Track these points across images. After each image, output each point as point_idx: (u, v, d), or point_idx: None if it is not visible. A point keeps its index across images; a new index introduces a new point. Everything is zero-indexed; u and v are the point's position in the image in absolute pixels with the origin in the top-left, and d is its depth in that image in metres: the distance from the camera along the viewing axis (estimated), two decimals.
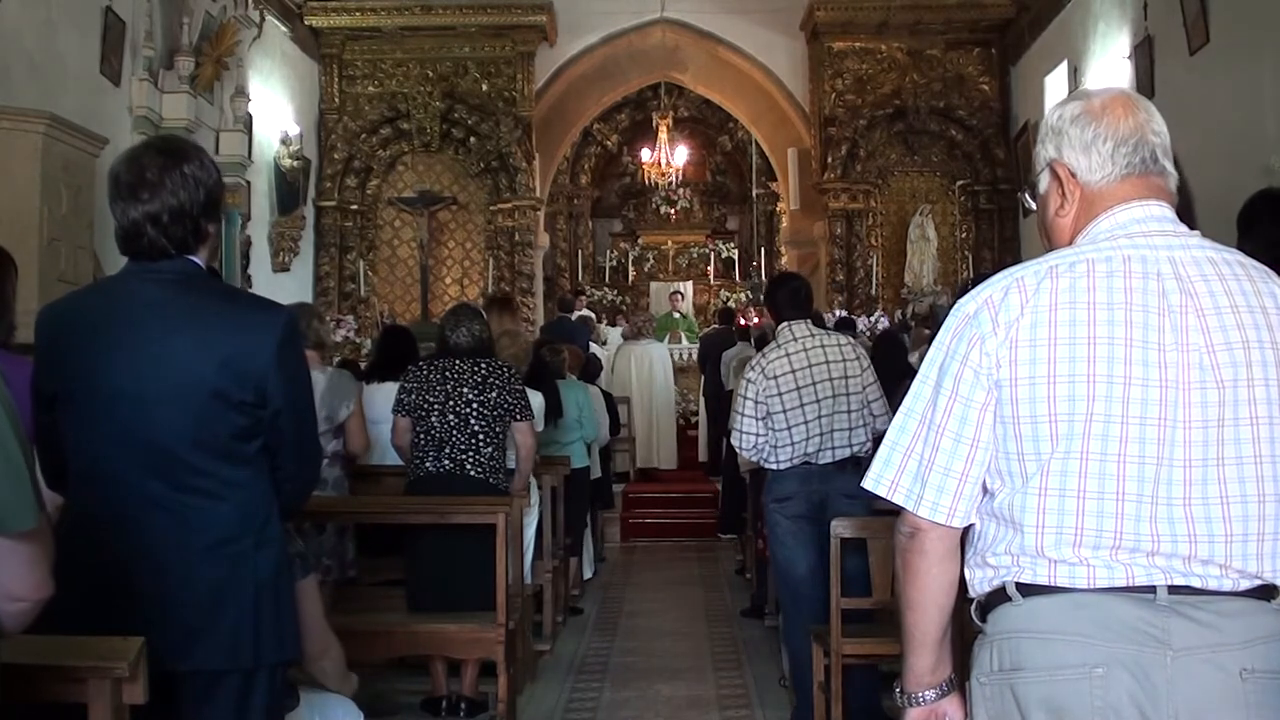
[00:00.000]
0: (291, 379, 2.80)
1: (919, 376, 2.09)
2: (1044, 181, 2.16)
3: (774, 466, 5.46)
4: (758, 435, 5.42)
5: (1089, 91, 2.17)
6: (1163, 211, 2.05)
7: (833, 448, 5.39)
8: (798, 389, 5.38)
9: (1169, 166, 2.09)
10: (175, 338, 2.70)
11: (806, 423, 5.38)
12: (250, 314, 2.81)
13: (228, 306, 2.82)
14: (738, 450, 5.59)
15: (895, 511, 2.12)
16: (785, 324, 5.58)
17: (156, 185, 2.71)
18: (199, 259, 2.80)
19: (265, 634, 2.74)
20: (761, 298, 17.37)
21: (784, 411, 5.38)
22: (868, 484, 2.12)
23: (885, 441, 2.11)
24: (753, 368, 5.50)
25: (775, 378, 5.40)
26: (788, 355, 5.44)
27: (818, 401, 5.39)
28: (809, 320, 5.68)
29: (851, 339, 5.90)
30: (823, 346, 5.49)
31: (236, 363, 2.70)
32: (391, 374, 6.37)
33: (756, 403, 5.40)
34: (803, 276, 6.51)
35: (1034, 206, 2.23)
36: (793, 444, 5.39)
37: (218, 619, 2.69)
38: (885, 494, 2.08)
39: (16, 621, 1.92)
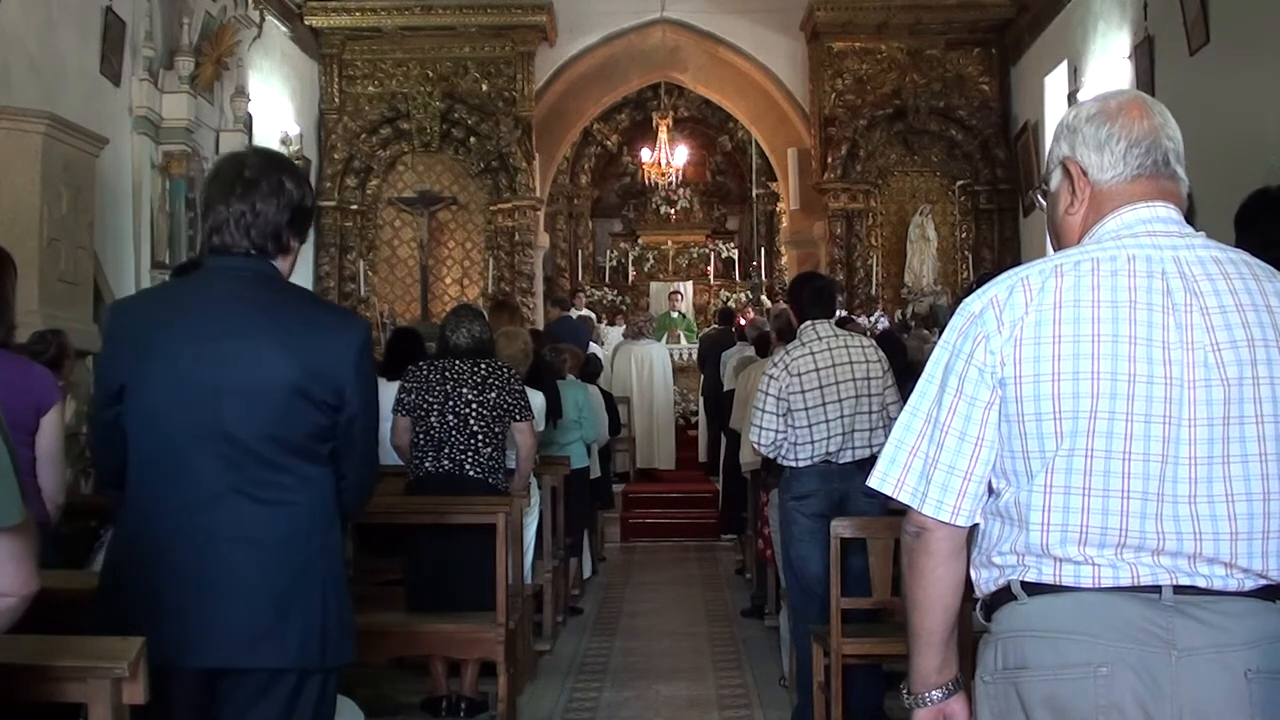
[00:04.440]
0: (367, 387, 2.84)
1: (925, 375, 2.10)
2: (1055, 179, 2.17)
3: (793, 464, 5.45)
4: (777, 432, 5.41)
5: (1107, 94, 2.17)
6: (1169, 213, 2.05)
7: (853, 447, 5.39)
8: (820, 388, 5.37)
9: (1181, 171, 2.09)
10: (258, 335, 2.71)
11: (828, 421, 5.37)
12: (332, 319, 2.85)
13: (309, 310, 2.86)
14: (755, 446, 5.57)
15: (905, 509, 2.11)
16: (809, 323, 5.56)
17: (251, 185, 2.75)
18: (279, 266, 2.83)
19: (330, 635, 2.73)
20: (763, 296, 17.42)
21: (806, 409, 5.37)
22: (873, 482, 2.12)
23: (891, 440, 2.11)
24: (775, 364, 5.48)
25: (799, 375, 5.38)
26: (812, 354, 5.43)
27: (840, 401, 5.38)
28: (832, 319, 5.69)
29: (874, 341, 5.89)
30: (846, 347, 5.48)
31: (319, 365, 2.72)
32: (399, 375, 6.37)
33: (779, 399, 5.39)
34: (827, 276, 6.50)
35: (1045, 205, 2.23)
36: (813, 442, 5.38)
37: (290, 618, 2.68)
38: (891, 492, 2.08)
39: (3, 619, 1.91)
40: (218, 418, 2.67)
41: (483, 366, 5.75)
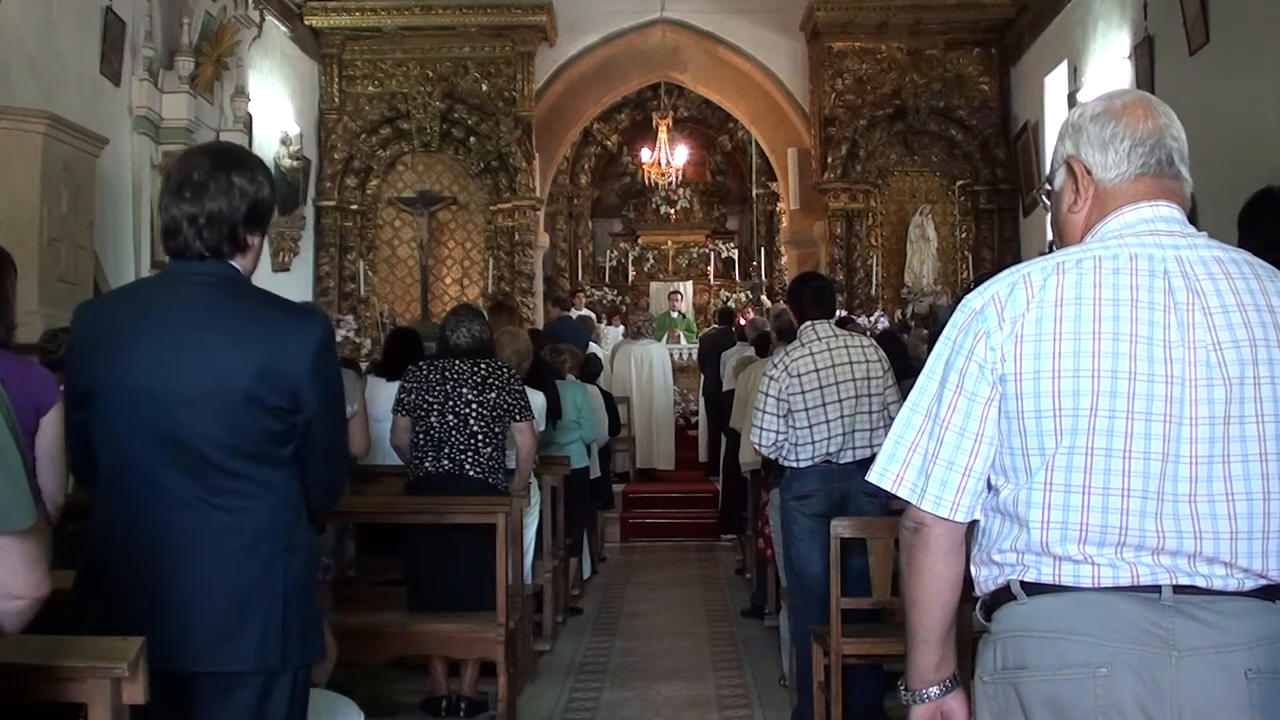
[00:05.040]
0: (326, 386, 2.81)
1: (925, 371, 2.10)
2: (1059, 178, 2.17)
3: (794, 464, 5.45)
4: (778, 433, 5.41)
5: (1112, 93, 2.17)
6: (1172, 213, 2.06)
7: (854, 447, 5.38)
8: (820, 388, 5.37)
9: (1184, 171, 2.09)
10: (211, 341, 2.70)
11: (829, 421, 5.37)
12: (287, 320, 2.81)
13: (264, 311, 2.82)
14: (756, 446, 5.57)
15: (905, 507, 2.12)
16: (809, 323, 5.56)
17: (200, 188, 2.72)
18: (239, 266, 2.80)
19: (292, 638, 2.73)
20: (763, 296, 17.42)
21: (806, 410, 5.37)
22: (872, 477, 2.12)
23: (890, 436, 2.11)
24: (775, 365, 5.48)
25: (799, 376, 5.38)
26: (812, 354, 5.42)
27: (840, 401, 5.38)
28: (832, 320, 5.68)
29: (874, 340, 5.89)
30: (846, 347, 5.48)
31: (273, 369, 2.70)
32: (397, 375, 6.37)
33: (779, 400, 5.39)
34: (826, 276, 6.50)
35: (1049, 204, 2.23)
36: (814, 442, 5.37)
37: (248, 621, 2.69)
38: (889, 487, 2.09)
39: (15, 620, 1.91)
40: (174, 426, 2.67)
41: (483, 366, 5.74)
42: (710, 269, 21.06)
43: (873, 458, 2.14)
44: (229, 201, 2.73)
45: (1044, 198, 2.24)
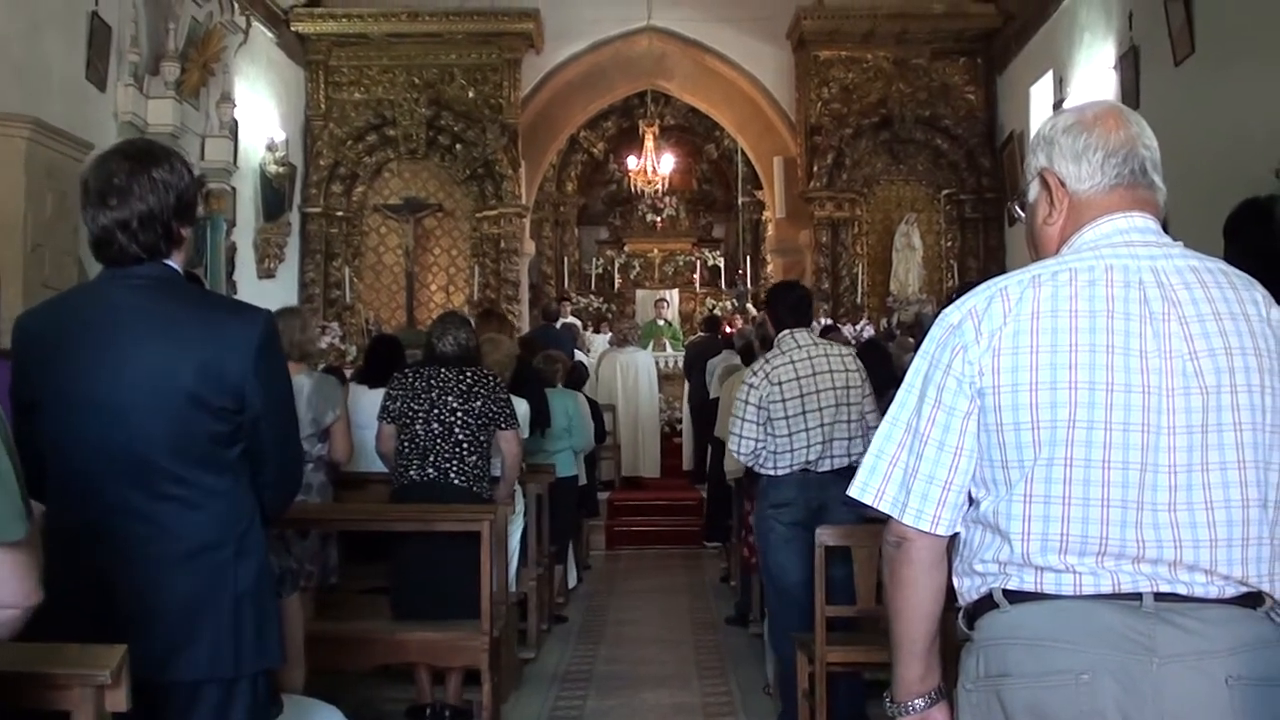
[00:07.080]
0: (271, 383, 2.76)
1: (904, 385, 2.11)
2: (1033, 190, 2.18)
3: (771, 472, 5.45)
4: (757, 440, 5.41)
5: (1083, 105, 2.18)
6: (1146, 223, 2.07)
7: (832, 456, 5.39)
8: (801, 396, 5.38)
9: (1158, 180, 2.10)
10: (150, 344, 2.66)
11: (808, 430, 5.38)
12: (227, 318, 2.76)
13: (204, 311, 2.78)
14: (734, 454, 5.57)
15: (883, 518, 2.12)
16: (787, 331, 5.57)
17: (125, 191, 2.67)
18: (174, 263, 2.76)
19: (245, 643, 2.70)
20: (749, 304, 17.42)
21: (786, 418, 5.37)
22: (854, 492, 2.13)
23: (871, 450, 2.12)
24: (755, 373, 5.49)
25: (779, 384, 5.39)
26: (792, 363, 5.43)
27: (820, 410, 5.39)
28: (810, 328, 5.69)
29: (852, 349, 5.90)
30: (826, 355, 5.49)
31: (214, 368, 2.66)
32: (379, 382, 6.36)
33: (759, 408, 5.39)
34: (804, 285, 6.54)
35: (1023, 216, 2.24)
36: (793, 450, 5.38)
37: (198, 629, 2.66)
38: (871, 502, 2.09)
39: (5, 629, 1.92)
40: (118, 434, 2.64)
41: (469, 375, 5.74)
42: (696, 277, 21.07)
43: (851, 467, 2.15)
44: (157, 199, 2.68)
45: (1019, 210, 2.25)
